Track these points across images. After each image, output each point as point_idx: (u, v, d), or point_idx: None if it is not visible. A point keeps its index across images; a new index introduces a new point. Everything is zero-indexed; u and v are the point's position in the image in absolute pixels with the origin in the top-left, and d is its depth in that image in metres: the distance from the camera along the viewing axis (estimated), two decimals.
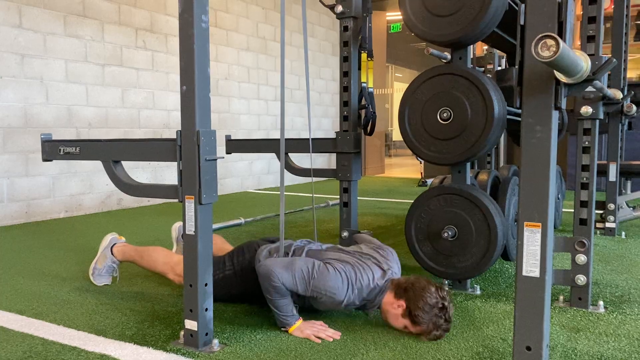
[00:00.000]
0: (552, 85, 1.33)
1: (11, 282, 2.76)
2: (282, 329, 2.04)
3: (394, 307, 2.03)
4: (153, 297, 2.49)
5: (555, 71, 1.29)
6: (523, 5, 1.38)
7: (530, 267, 1.42)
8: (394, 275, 2.17)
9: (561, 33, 1.31)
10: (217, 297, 1.99)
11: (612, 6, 3.83)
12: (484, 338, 1.98)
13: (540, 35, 1.11)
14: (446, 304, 1.95)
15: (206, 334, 1.89)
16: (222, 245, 2.67)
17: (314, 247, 2.30)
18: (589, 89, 2.15)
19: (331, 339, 1.96)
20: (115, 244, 2.64)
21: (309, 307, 2.17)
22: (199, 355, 1.84)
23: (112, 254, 2.61)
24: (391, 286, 2.08)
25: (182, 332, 1.93)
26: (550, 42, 1.08)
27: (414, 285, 2.00)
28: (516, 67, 1.41)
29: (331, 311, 2.26)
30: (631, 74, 8.08)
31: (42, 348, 1.90)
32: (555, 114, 1.36)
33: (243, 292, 2.31)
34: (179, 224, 2.95)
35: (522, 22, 1.37)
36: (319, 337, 1.97)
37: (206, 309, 1.88)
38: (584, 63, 1.26)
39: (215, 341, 1.90)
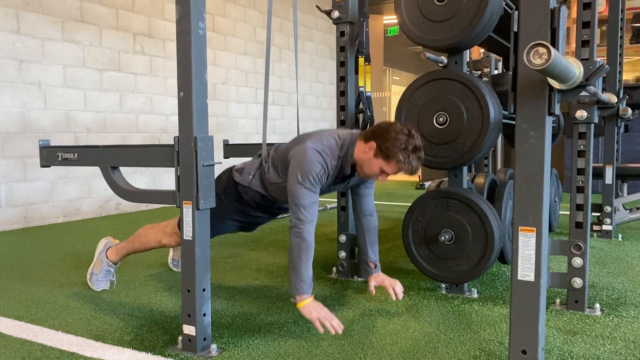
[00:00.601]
0: (545, 92, 1.34)
1: (9, 287, 2.76)
2: (292, 300, 2.02)
3: (365, 152, 2.09)
4: (151, 302, 2.50)
5: (548, 78, 1.31)
6: (516, 12, 1.40)
7: (525, 271, 1.43)
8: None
9: (554, 40, 1.32)
10: (214, 232, 2.01)
11: (607, 9, 3.85)
12: (480, 341, 1.99)
13: (532, 44, 1.13)
14: (413, 131, 2.04)
15: (204, 339, 1.90)
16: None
17: (281, 145, 2.35)
18: (584, 93, 2.17)
19: (334, 331, 1.95)
20: (110, 247, 2.65)
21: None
22: None
23: (107, 258, 2.62)
24: (359, 136, 2.16)
25: (180, 337, 1.94)
26: (542, 50, 1.09)
27: (380, 125, 2.11)
28: (511, 72, 1.43)
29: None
30: (628, 76, 8.11)
31: (40, 354, 1.91)
32: (549, 120, 1.38)
33: (234, 212, 2.35)
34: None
35: (515, 29, 1.39)
36: (323, 325, 1.96)
37: (204, 314, 1.89)
38: (577, 69, 1.28)
39: (214, 346, 1.91)
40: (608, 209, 3.88)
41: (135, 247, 2.57)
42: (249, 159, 2.55)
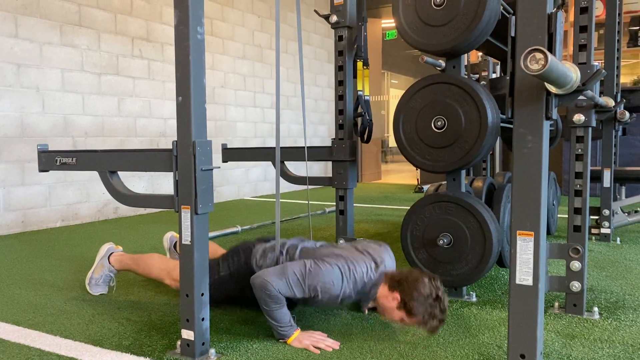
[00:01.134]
0: (542, 96, 1.35)
1: (7, 292, 2.76)
2: (280, 340, 2.04)
3: (388, 300, 2.04)
4: (149, 307, 2.49)
5: (545, 82, 1.31)
6: (514, 17, 1.41)
7: (524, 275, 1.43)
8: (387, 268, 2.19)
9: (551, 45, 1.33)
10: (213, 299, 1.98)
11: (605, 13, 3.87)
12: (479, 345, 1.99)
13: (529, 49, 1.13)
14: (440, 293, 1.97)
15: (203, 344, 1.89)
16: (215, 250, 2.68)
17: (308, 244, 2.32)
18: (581, 97, 2.17)
19: (330, 349, 1.96)
20: (112, 253, 2.65)
21: (303, 304, 2.17)
22: None
23: (109, 263, 2.62)
24: (385, 279, 2.09)
25: (178, 342, 1.93)
26: (538, 55, 1.10)
27: (408, 277, 2.02)
28: (508, 77, 1.43)
29: (327, 321, 2.27)
30: (625, 80, 8.13)
31: (39, 359, 1.90)
32: (546, 124, 1.38)
33: (239, 294, 2.30)
34: (170, 234, 2.98)
35: (512, 34, 1.40)
36: (317, 348, 1.97)
37: (203, 319, 1.88)
38: (574, 74, 1.28)
39: (212, 351, 1.90)
40: (606, 212, 3.88)
41: (137, 270, 2.54)
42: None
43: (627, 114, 3.65)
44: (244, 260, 2.28)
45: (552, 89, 1.32)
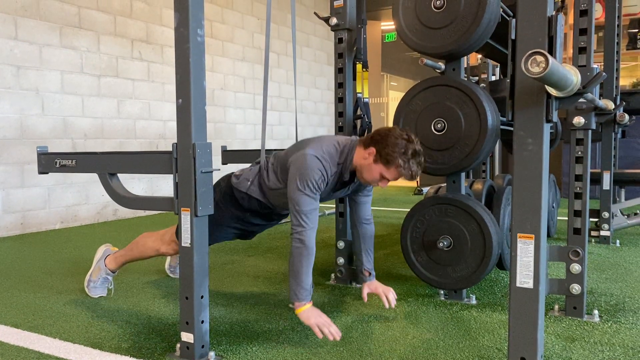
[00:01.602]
0: (543, 99, 1.35)
1: (6, 294, 2.75)
2: (291, 305, 2.03)
3: (365, 158, 2.09)
4: (149, 309, 2.49)
5: (545, 85, 1.31)
6: (514, 20, 1.41)
7: (524, 278, 1.43)
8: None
9: (551, 47, 1.33)
10: (212, 240, 2.02)
11: (604, 15, 3.88)
12: (479, 348, 1.99)
13: (529, 52, 1.13)
14: (412, 136, 2.05)
15: (202, 347, 1.89)
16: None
17: (278, 152, 2.36)
18: (581, 100, 2.17)
19: (332, 338, 1.95)
20: (109, 255, 2.65)
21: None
22: None
23: (105, 265, 2.62)
24: (359, 142, 2.16)
25: (178, 345, 1.93)
26: (539, 58, 1.10)
27: (379, 131, 2.11)
28: (508, 79, 1.43)
29: None
30: (624, 82, 8.14)
31: None
32: (546, 127, 1.38)
33: (232, 219, 2.35)
34: (166, 263, 3.03)
35: (513, 37, 1.40)
36: (321, 332, 1.96)
37: (202, 321, 1.88)
38: (574, 77, 1.28)
39: (212, 353, 1.90)
40: (606, 214, 3.88)
41: (133, 255, 2.56)
42: (248, 164, 2.56)
43: (627, 116, 3.65)
44: (225, 184, 2.36)
45: (553, 91, 1.32)
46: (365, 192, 2.43)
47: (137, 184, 5.64)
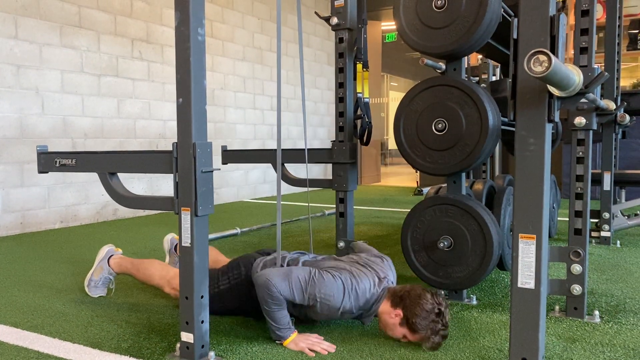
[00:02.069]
0: (545, 99, 1.34)
1: (6, 294, 2.74)
2: (277, 342, 2.04)
3: (391, 317, 2.03)
4: (149, 309, 2.48)
5: (548, 85, 1.31)
6: (516, 20, 1.40)
7: (526, 278, 1.43)
8: (389, 283, 2.17)
9: (553, 47, 1.33)
10: (212, 311, 1.97)
11: (605, 16, 3.87)
12: (480, 349, 1.98)
13: (532, 51, 1.13)
14: (442, 309, 1.96)
15: (202, 347, 1.88)
16: (216, 257, 2.67)
17: (308, 258, 2.31)
18: (582, 100, 2.17)
19: (326, 352, 1.96)
20: (112, 255, 2.63)
21: (304, 318, 2.17)
22: None
23: (109, 265, 2.61)
24: (387, 295, 2.08)
25: (178, 345, 1.92)
26: (542, 57, 1.09)
27: (410, 293, 2.01)
28: (510, 79, 1.43)
29: (328, 322, 2.26)
30: (625, 83, 8.14)
31: None
32: (548, 127, 1.38)
33: (238, 306, 2.30)
34: (170, 235, 2.96)
35: (515, 36, 1.39)
36: (313, 351, 1.96)
37: (202, 321, 1.87)
38: (577, 77, 1.28)
39: (212, 353, 1.89)
40: (606, 215, 3.88)
41: (136, 275, 2.51)
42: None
43: (628, 117, 3.65)
44: (245, 274, 2.26)
45: (555, 91, 1.31)
46: None
47: (137, 183, 5.63)
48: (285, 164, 3.17)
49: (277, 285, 1.99)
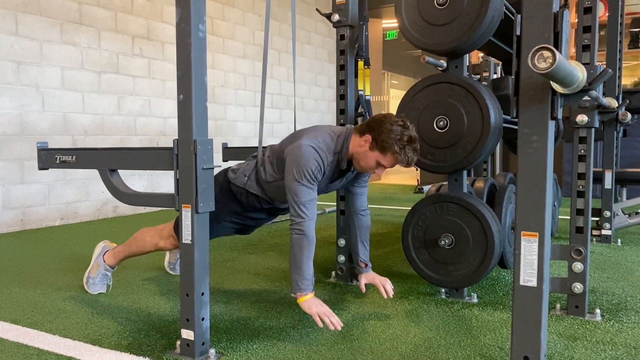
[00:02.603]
0: (548, 96, 1.34)
1: (6, 290, 2.74)
2: (293, 295, 2.03)
3: (361, 146, 2.10)
4: (149, 306, 2.48)
5: (551, 82, 1.30)
6: (519, 16, 1.39)
7: (528, 276, 1.42)
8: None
9: (557, 44, 1.32)
10: (213, 234, 2.03)
11: (607, 14, 3.86)
12: (481, 347, 1.98)
13: (536, 47, 1.12)
14: (407, 123, 2.06)
15: (203, 344, 1.88)
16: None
17: (273, 145, 2.36)
18: (585, 98, 2.16)
19: (332, 328, 1.95)
20: (107, 251, 2.64)
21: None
22: None
23: (104, 261, 2.61)
24: (354, 131, 2.16)
25: (178, 342, 1.92)
26: (546, 53, 1.08)
27: (374, 118, 2.12)
28: (512, 76, 1.42)
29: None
30: (626, 81, 8.13)
31: (37, 358, 1.89)
32: (551, 124, 1.37)
33: (230, 213, 2.34)
34: (166, 259, 3.03)
35: (518, 33, 1.38)
36: (322, 321, 1.96)
37: (203, 319, 1.87)
38: (580, 74, 1.27)
39: (212, 351, 1.89)
40: (607, 213, 3.87)
41: (132, 250, 2.55)
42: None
43: (629, 115, 3.64)
44: (222, 179, 2.34)
45: (558, 88, 1.30)
46: (362, 184, 2.43)
47: (137, 180, 5.63)
48: None
49: (307, 212, 2.04)
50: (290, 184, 2.06)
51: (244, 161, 2.45)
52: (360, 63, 2.98)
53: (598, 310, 2.30)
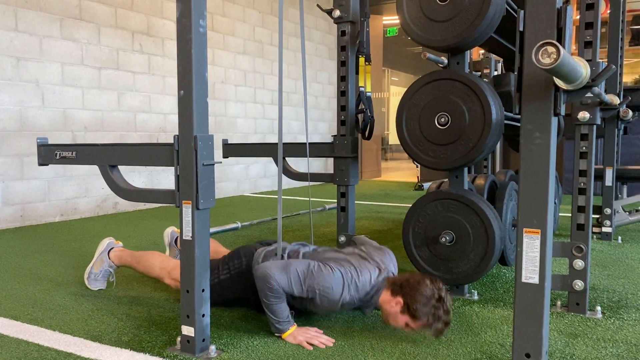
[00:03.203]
0: (551, 92, 1.33)
1: (6, 287, 2.74)
2: (276, 334, 2.03)
3: (391, 305, 2.01)
4: (149, 302, 2.48)
5: (554, 78, 1.29)
6: (522, 12, 1.38)
7: (530, 273, 1.42)
8: (390, 274, 2.16)
9: (560, 39, 1.31)
10: (213, 302, 1.97)
11: (608, 11, 3.85)
12: (482, 344, 1.98)
13: (540, 43, 1.11)
14: (443, 294, 1.95)
15: (203, 340, 1.88)
16: (216, 249, 2.66)
17: (309, 249, 2.30)
18: (587, 94, 2.15)
19: (324, 346, 1.95)
20: (112, 248, 2.63)
21: (304, 310, 2.16)
22: None
23: (109, 258, 2.60)
24: (387, 284, 2.08)
25: (178, 338, 1.91)
26: (551, 49, 1.07)
27: (410, 281, 2.00)
28: (515, 72, 1.41)
29: (329, 316, 2.25)
30: (626, 79, 8.11)
31: (37, 354, 1.89)
32: (554, 121, 1.36)
33: (239, 297, 2.29)
34: (171, 229, 2.96)
35: (521, 29, 1.37)
36: (311, 345, 1.95)
37: (203, 315, 1.87)
38: (584, 70, 1.26)
39: (212, 347, 1.89)
40: (608, 211, 3.87)
41: (137, 267, 2.51)
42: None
43: (630, 112, 3.63)
44: (245, 264, 2.25)
45: (562, 84, 1.30)
46: None
47: (136, 177, 5.62)
48: (286, 158, 3.16)
49: (276, 278, 1.98)
50: (300, 264, 2.05)
51: (269, 249, 2.29)
52: (361, 59, 2.97)
53: (599, 308, 2.30)
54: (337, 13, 2.83)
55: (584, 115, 2.29)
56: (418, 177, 8.64)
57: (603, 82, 2.52)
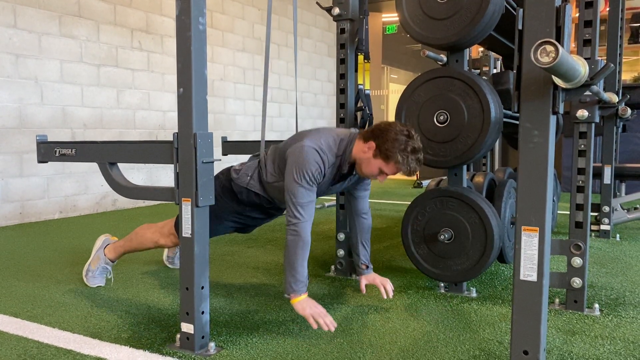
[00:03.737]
0: (550, 90, 1.33)
1: (5, 284, 2.74)
2: (286, 295, 2.03)
3: (364, 152, 2.08)
4: (148, 300, 2.48)
5: (553, 76, 1.29)
6: (521, 10, 1.39)
7: (528, 271, 1.42)
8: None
9: (559, 38, 1.31)
10: (213, 232, 2.02)
11: (607, 9, 3.85)
12: (480, 341, 1.98)
13: (539, 41, 1.11)
14: (412, 132, 2.05)
15: (202, 337, 1.88)
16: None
17: (278, 144, 2.34)
18: (586, 92, 2.16)
19: (326, 328, 1.94)
20: (108, 244, 2.64)
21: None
22: (195, 358, 1.83)
23: (104, 255, 2.61)
24: (358, 136, 2.15)
25: (178, 335, 1.92)
26: (549, 48, 1.08)
27: (380, 125, 2.10)
28: (514, 71, 1.42)
29: (329, 313, 2.25)
30: (625, 77, 8.11)
31: (36, 351, 1.89)
32: (553, 119, 1.37)
33: (231, 212, 2.33)
34: (164, 255, 3.03)
35: (520, 27, 1.38)
36: (316, 322, 1.95)
37: (202, 312, 1.87)
38: (582, 68, 1.27)
39: (212, 344, 1.89)
40: (606, 208, 3.88)
41: (132, 246, 2.55)
42: (247, 156, 2.54)
43: (629, 110, 3.64)
44: (225, 178, 2.34)
45: (560, 82, 1.30)
46: (364, 187, 2.42)
47: (136, 174, 5.62)
48: None
49: (303, 213, 2.02)
50: (289, 184, 2.06)
51: (247, 157, 2.44)
52: (360, 57, 2.97)
53: (597, 305, 2.30)
54: (336, 11, 2.83)
55: (582, 113, 2.29)
56: (417, 174, 8.65)
57: (601, 81, 2.53)
